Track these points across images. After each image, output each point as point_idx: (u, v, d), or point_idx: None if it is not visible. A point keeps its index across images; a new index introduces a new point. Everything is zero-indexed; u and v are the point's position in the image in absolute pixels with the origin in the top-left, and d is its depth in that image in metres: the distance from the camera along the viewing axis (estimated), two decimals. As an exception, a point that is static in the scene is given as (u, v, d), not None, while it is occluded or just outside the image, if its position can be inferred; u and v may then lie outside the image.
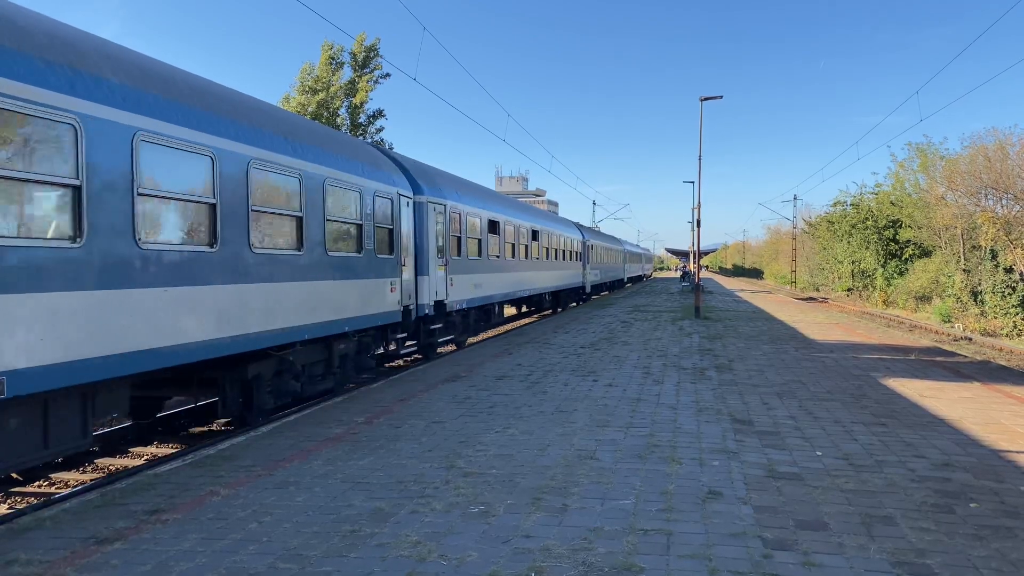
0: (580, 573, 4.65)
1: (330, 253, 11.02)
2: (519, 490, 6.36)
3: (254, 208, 9.21)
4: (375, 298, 12.69)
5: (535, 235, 26.34)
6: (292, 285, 10.02)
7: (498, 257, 21.12)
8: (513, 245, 22.96)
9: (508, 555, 4.94)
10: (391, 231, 13.47)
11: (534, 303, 30.43)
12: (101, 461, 9.31)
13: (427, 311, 15.27)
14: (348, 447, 7.94)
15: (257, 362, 9.75)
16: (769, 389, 11.33)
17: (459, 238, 17.42)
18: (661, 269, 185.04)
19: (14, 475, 8.18)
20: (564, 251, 32.51)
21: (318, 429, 8.87)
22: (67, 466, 9.03)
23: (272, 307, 9.54)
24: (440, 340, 16.80)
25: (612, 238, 57.78)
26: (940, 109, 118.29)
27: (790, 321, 25.40)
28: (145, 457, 9.53)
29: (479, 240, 19.16)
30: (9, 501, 8.05)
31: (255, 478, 6.83)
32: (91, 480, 8.49)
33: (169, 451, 9.72)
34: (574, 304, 37.25)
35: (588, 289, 39.85)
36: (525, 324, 26.69)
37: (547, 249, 28.57)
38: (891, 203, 46.14)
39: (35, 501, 7.88)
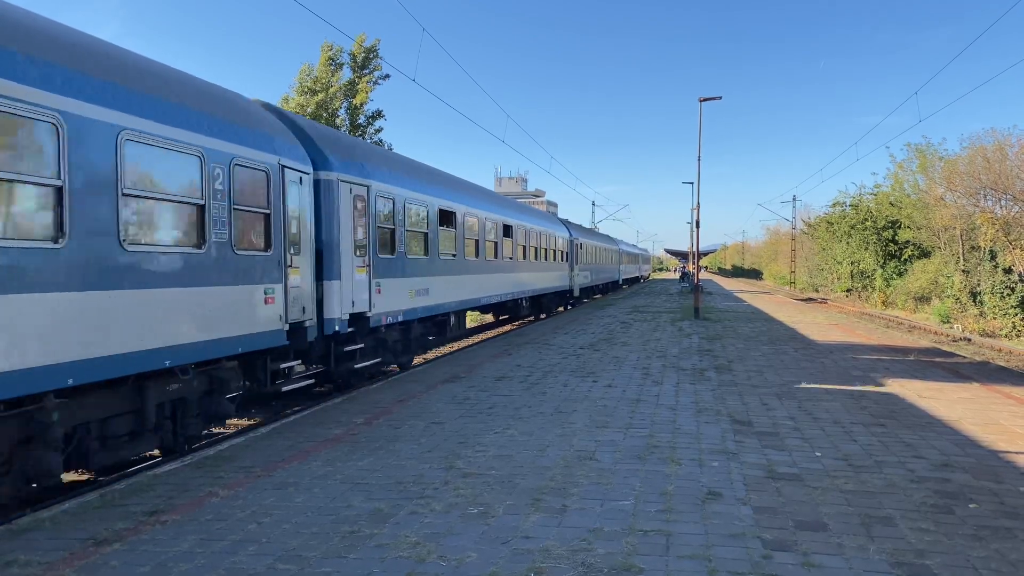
0: (580, 574, 4.64)
1: (129, 246, 7.23)
2: (518, 491, 6.36)
3: None
4: (235, 313, 8.96)
5: (508, 231, 22.78)
6: (35, 299, 6.18)
7: (454, 256, 17.27)
8: (477, 242, 19.16)
9: (507, 556, 4.94)
10: (267, 217, 9.71)
11: (508, 310, 26.65)
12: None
13: (337, 328, 11.41)
14: (347, 448, 7.94)
15: None
16: (768, 390, 11.33)
17: (393, 231, 13.63)
18: (660, 270, 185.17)
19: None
20: (546, 250, 29.12)
21: (317, 430, 8.87)
22: (65, 467, 8.99)
23: None
24: (366, 364, 12.78)
25: (605, 236, 54.66)
26: (939, 110, 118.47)
27: (789, 322, 25.41)
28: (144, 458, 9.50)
29: (425, 235, 15.37)
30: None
31: (254, 479, 6.83)
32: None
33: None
34: (560, 309, 34.49)
35: (576, 292, 36.31)
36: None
37: (524, 247, 24.99)
38: (890, 204, 46.13)
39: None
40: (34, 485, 6.90)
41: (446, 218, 16.87)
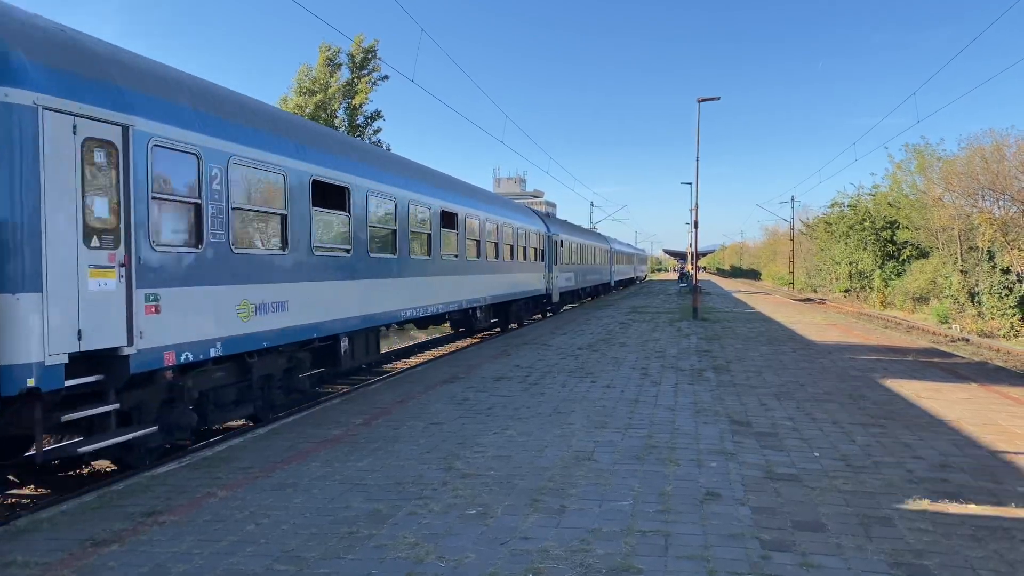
0: (578, 574, 4.64)
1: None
2: (517, 491, 6.36)
3: None
4: None
5: (450, 220, 17.17)
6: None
7: (348, 252, 11.73)
8: (393, 232, 13.73)
9: (506, 557, 4.94)
10: None
11: (459, 322, 20.94)
12: (99, 464, 9.28)
13: (28, 383, 6.14)
14: (346, 448, 7.93)
15: None
16: (767, 390, 11.34)
17: (198, 207, 8.25)
18: (659, 270, 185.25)
19: (11, 477, 8.13)
20: (513, 247, 23.33)
21: (316, 430, 8.87)
22: (63, 467, 9.00)
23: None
24: (111, 441, 7.17)
25: (593, 233, 49.27)
26: (938, 110, 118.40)
27: (788, 322, 25.42)
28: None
29: (283, 217, 9.88)
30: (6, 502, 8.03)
31: (253, 480, 6.82)
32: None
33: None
34: (537, 316, 30.01)
35: (555, 298, 30.37)
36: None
37: (478, 243, 19.40)
38: (889, 204, 46.16)
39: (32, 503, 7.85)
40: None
41: (325, 194, 11.39)
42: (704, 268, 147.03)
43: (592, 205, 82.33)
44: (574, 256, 35.18)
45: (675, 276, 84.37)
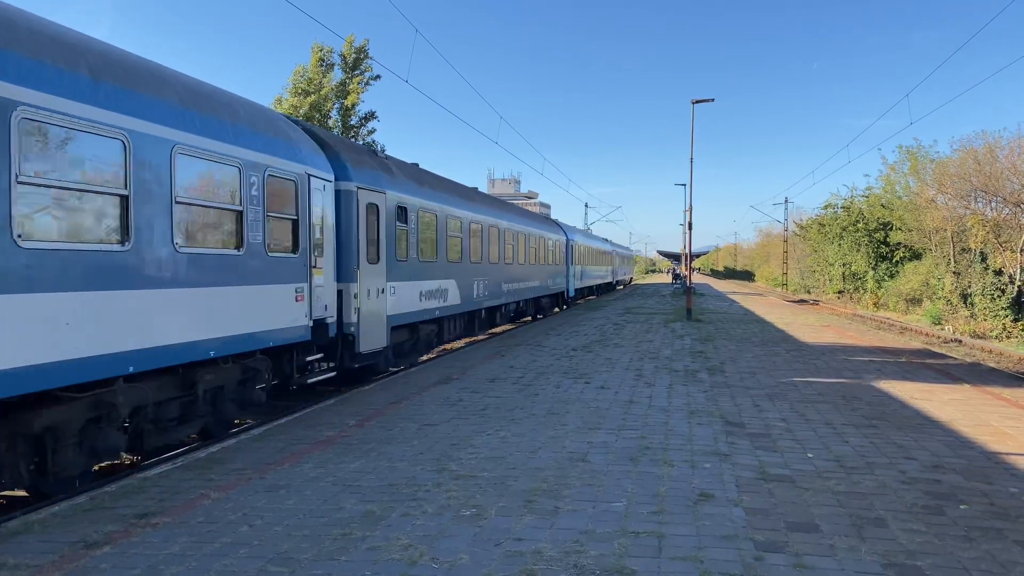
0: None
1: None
2: (511, 493, 6.35)
3: None
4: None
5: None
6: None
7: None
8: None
9: (500, 558, 4.93)
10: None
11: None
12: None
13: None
14: (339, 450, 7.92)
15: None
16: (760, 391, 11.35)
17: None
18: (652, 271, 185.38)
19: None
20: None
21: (309, 432, 8.85)
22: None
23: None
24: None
25: (543, 220, 33.93)
26: (930, 112, 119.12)
27: (781, 323, 25.48)
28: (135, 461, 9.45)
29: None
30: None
31: (246, 481, 6.80)
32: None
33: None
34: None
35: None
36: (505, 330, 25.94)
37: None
38: (882, 206, 46.33)
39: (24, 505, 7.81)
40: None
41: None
42: (698, 269, 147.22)
43: (586, 206, 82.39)
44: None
45: (669, 278, 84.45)
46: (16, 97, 6.05)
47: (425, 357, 17.08)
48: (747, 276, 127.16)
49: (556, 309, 33.55)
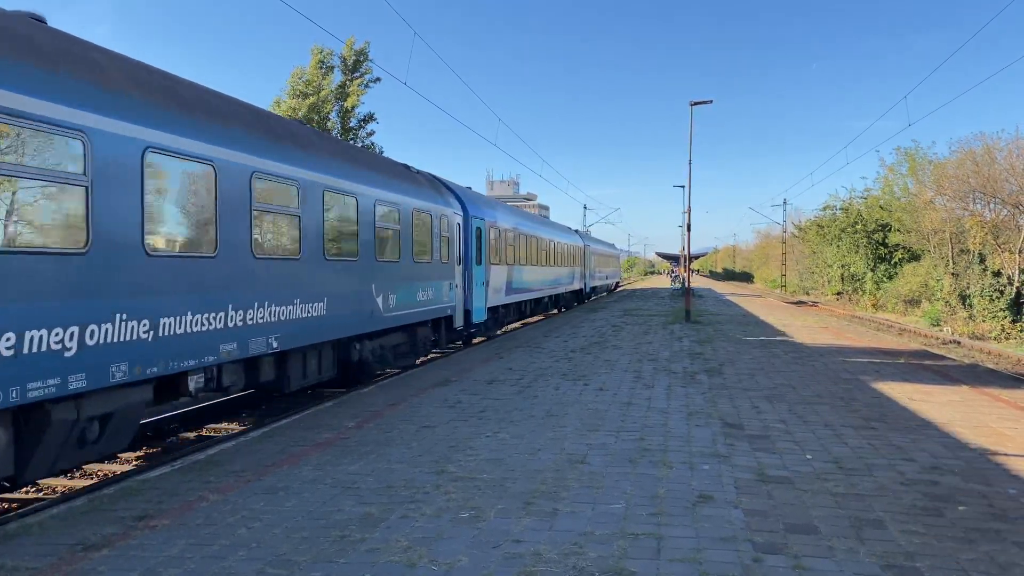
0: (570, 578, 4.64)
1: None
2: (510, 495, 6.35)
3: None
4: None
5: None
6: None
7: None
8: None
9: (499, 560, 4.93)
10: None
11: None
12: (89, 467, 9.24)
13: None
14: (338, 452, 7.91)
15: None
16: (759, 393, 11.36)
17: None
18: (652, 273, 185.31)
19: (3, 482, 8.08)
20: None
21: (308, 434, 8.84)
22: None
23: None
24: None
25: (476, 198, 22.08)
26: (929, 114, 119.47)
27: (780, 325, 25.49)
28: (133, 463, 9.46)
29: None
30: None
31: (244, 483, 6.80)
32: (79, 486, 8.42)
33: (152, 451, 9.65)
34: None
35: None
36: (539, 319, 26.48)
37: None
38: (880, 207, 46.33)
39: (21, 507, 7.81)
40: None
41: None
42: (697, 271, 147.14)
43: (585, 208, 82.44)
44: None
45: (668, 279, 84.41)
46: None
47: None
48: (746, 278, 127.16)
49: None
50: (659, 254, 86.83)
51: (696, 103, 27.66)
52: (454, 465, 7.31)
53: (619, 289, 66.04)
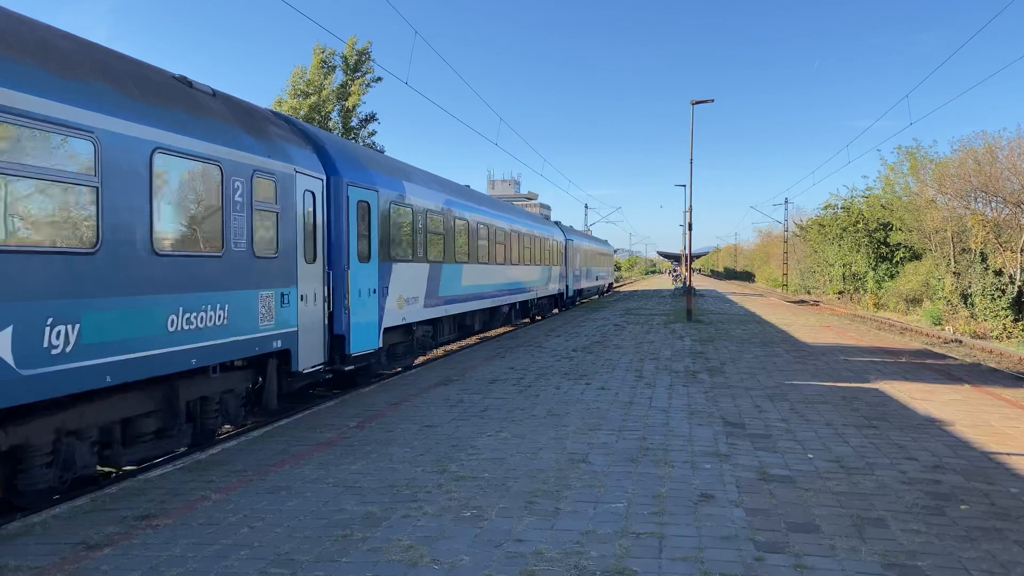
0: (572, 577, 4.64)
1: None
2: (511, 494, 6.36)
3: None
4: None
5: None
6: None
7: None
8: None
9: (500, 559, 4.93)
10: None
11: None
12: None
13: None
14: (340, 451, 7.92)
15: None
16: (761, 392, 11.35)
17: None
18: (653, 272, 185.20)
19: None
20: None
21: (310, 434, 8.85)
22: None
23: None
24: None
25: (363, 155, 14.42)
26: (930, 113, 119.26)
27: (781, 324, 25.47)
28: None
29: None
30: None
31: (246, 483, 6.80)
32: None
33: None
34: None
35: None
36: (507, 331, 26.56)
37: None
38: (882, 206, 46.27)
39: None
40: None
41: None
42: (699, 270, 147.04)
43: (586, 207, 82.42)
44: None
45: (670, 278, 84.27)
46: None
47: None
48: (747, 277, 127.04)
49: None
50: (660, 253, 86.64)
51: (697, 102, 27.67)
52: (456, 464, 7.31)
53: (611, 292, 59.66)
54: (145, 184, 7.26)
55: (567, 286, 33.88)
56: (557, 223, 35.56)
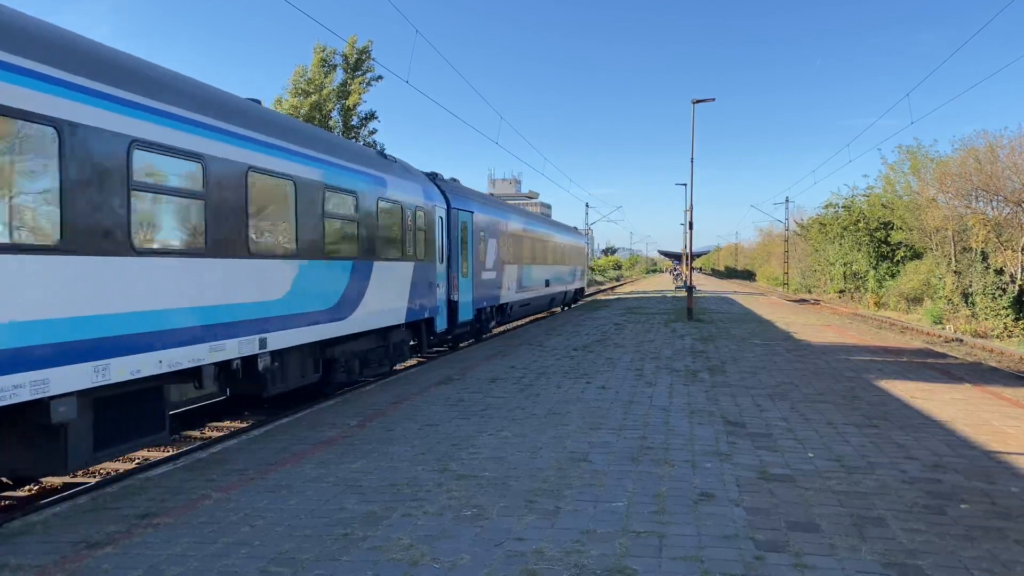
0: (573, 575, 4.65)
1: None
2: (512, 493, 6.36)
3: None
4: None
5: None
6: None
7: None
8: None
9: (501, 558, 4.94)
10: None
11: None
12: (91, 466, 9.24)
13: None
14: (341, 450, 7.93)
15: None
16: (761, 391, 11.35)
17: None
18: (654, 271, 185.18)
19: (4, 479, 8.12)
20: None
21: (311, 432, 8.85)
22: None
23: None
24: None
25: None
26: (931, 112, 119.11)
27: (782, 323, 25.47)
28: (136, 461, 9.48)
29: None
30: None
31: (247, 482, 6.81)
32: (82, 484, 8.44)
33: (161, 454, 9.67)
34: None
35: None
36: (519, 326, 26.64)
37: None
38: (882, 205, 46.26)
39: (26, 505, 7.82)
40: None
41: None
42: (699, 269, 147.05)
43: (587, 206, 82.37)
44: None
45: (671, 278, 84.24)
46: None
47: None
48: (748, 276, 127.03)
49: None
50: (661, 252, 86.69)
51: (698, 101, 27.66)
52: (456, 463, 7.32)
53: (582, 302, 41.21)
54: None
55: (457, 300, 18.11)
56: (453, 179, 20.42)
